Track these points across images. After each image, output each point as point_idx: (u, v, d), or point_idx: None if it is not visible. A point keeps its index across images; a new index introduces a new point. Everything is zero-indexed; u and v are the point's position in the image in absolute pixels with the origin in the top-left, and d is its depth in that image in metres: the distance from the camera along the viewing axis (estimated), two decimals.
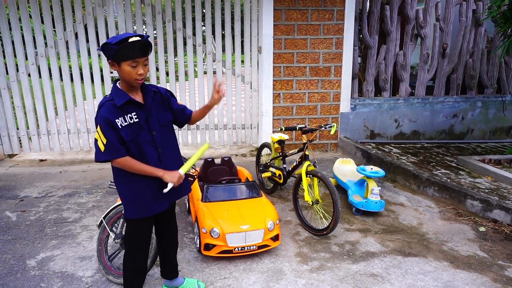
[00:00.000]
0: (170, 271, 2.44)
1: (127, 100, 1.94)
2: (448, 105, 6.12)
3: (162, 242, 2.36)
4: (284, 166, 3.77)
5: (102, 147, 1.90)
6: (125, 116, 1.94)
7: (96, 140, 1.93)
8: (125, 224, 2.62)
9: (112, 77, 5.31)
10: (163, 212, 2.19)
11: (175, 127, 2.26)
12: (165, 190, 1.99)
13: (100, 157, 1.93)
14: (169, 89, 5.45)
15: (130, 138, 1.95)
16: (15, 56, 5.06)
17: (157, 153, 2.06)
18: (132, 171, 1.97)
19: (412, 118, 6.06)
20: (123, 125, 1.93)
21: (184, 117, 2.25)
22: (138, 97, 2.01)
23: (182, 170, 2.06)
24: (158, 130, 2.07)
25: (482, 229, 3.32)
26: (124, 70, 1.87)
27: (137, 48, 1.85)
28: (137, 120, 1.98)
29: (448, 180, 4.09)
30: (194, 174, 2.72)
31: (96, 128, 1.92)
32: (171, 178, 1.99)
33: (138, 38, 1.84)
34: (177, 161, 2.19)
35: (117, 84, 2.00)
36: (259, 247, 2.81)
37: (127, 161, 1.95)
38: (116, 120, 1.91)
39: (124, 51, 1.82)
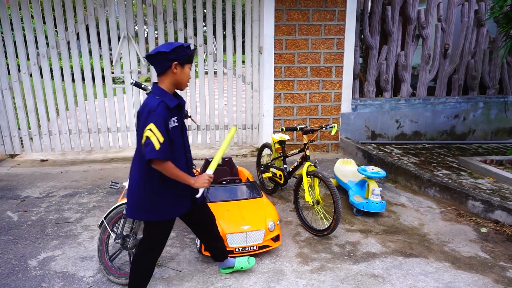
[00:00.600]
0: (219, 255, 2.58)
1: (177, 104, 2.03)
2: (449, 105, 6.11)
3: (208, 234, 2.48)
4: (285, 166, 3.77)
5: (157, 145, 1.87)
6: (171, 120, 2.00)
7: (148, 138, 1.88)
8: (126, 224, 2.62)
9: (113, 77, 5.32)
10: (192, 210, 2.27)
11: None
12: (198, 195, 2.08)
13: (156, 154, 1.88)
14: None
15: (173, 141, 2.01)
16: (17, 57, 5.08)
17: (185, 158, 2.15)
18: (168, 174, 1.97)
19: (413, 119, 6.05)
20: (171, 127, 1.99)
21: None
22: None
23: (211, 170, 2.09)
24: (186, 136, 2.18)
25: (483, 230, 3.31)
26: (186, 72, 2.04)
27: (194, 54, 2.08)
28: (177, 124, 2.04)
29: (450, 181, 4.08)
30: (195, 174, 2.72)
31: (147, 125, 1.89)
32: (202, 183, 2.05)
33: None
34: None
35: (159, 86, 2.03)
36: (260, 247, 2.81)
37: (170, 164, 1.95)
38: (169, 122, 1.97)
39: (192, 55, 2.05)
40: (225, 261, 2.62)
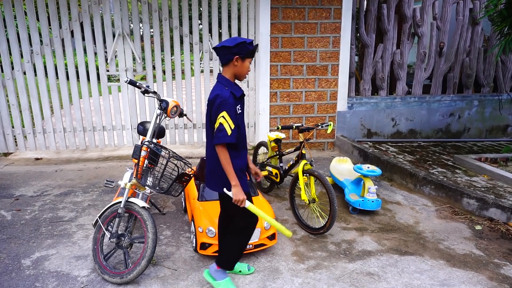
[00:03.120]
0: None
1: (242, 93, 2.26)
2: (444, 104, 6.13)
3: (230, 227, 2.51)
4: (281, 165, 3.76)
5: (229, 131, 2.11)
6: (237, 107, 2.22)
7: (222, 124, 2.12)
8: (120, 223, 2.61)
9: (108, 75, 5.28)
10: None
11: (171, 125, 2.34)
12: (226, 191, 2.21)
13: (228, 139, 2.12)
14: (165, 87, 5.46)
15: (239, 126, 2.24)
16: (10, 54, 5.03)
17: (244, 144, 2.33)
18: (223, 161, 2.16)
19: (409, 117, 6.07)
20: (237, 114, 2.21)
21: None
22: None
23: (248, 204, 2.22)
24: (244, 124, 2.34)
25: (478, 227, 3.32)
26: (245, 65, 2.20)
27: (256, 50, 2.23)
28: (240, 111, 2.27)
29: (445, 179, 4.10)
30: (190, 173, 2.70)
31: (220, 113, 2.12)
32: (236, 195, 2.18)
33: None
34: None
35: (223, 76, 2.23)
36: (256, 246, 2.80)
37: (228, 154, 2.17)
38: (236, 109, 2.20)
39: (253, 50, 2.19)
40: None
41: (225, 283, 2.41)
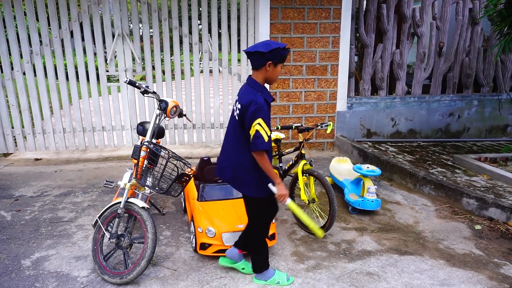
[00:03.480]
0: (242, 244, 2.61)
1: (273, 99, 2.30)
2: (444, 103, 6.13)
3: (248, 232, 2.58)
4: (281, 165, 3.76)
5: (266, 138, 2.14)
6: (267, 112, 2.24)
7: (258, 131, 2.14)
8: (120, 223, 2.60)
9: (108, 75, 5.28)
10: None
11: (171, 125, 2.33)
12: (270, 186, 2.28)
13: (265, 146, 2.15)
14: (165, 87, 5.46)
15: None
16: (10, 55, 5.02)
17: (271, 148, 2.40)
18: (263, 164, 2.21)
19: (408, 117, 6.07)
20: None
21: None
22: None
23: (290, 201, 2.30)
24: None
25: (478, 227, 3.33)
26: (277, 70, 2.23)
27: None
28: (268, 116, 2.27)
29: (444, 179, 4.10)
30: (190, 173, 2.70)
31: (256, 119, 2.13)
32: (281, 190, 2.27)
33: None
34: None
35: (254, 79, 2.25)
36: None
37: (267, 156, 2.22)
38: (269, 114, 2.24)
39: (285, 56, 2.20)
40: (239, 252, 2.60)
41: (277, 276, 2.53)
